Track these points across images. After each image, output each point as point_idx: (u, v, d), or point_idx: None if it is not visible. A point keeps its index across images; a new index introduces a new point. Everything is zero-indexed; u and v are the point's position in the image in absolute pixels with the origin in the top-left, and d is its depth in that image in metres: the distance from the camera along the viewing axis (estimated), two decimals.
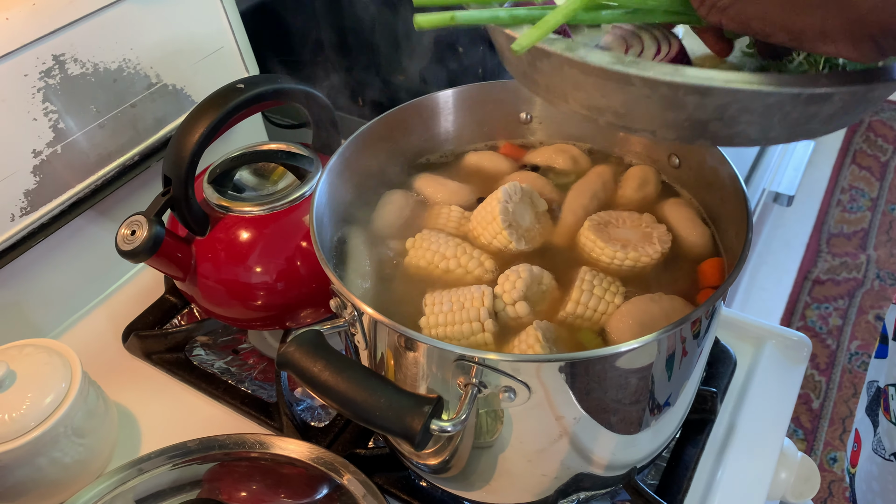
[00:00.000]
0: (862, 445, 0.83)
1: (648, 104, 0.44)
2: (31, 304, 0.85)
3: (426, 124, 0.75)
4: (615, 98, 0.45)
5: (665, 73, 0.40)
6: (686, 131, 0.45)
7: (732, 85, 0.39)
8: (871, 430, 0.81)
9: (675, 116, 0.44)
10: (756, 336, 0.84)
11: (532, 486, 0.62)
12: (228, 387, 0.81)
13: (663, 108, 0.44)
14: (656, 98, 0.43)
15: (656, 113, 0.45)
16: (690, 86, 0.40)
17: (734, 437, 0.74)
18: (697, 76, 0.40)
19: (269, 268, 0.74)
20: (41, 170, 0.78)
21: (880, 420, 0.80)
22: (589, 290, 0.59)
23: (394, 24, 1.01)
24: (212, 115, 0.69)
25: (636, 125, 0.46)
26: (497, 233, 0.64)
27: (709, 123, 0.44)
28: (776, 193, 1.52)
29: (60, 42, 0.76)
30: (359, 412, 0.49)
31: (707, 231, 0.66)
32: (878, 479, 0.81)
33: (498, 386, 0.50)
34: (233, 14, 0.93)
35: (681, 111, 0.44)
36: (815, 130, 0.45)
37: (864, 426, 0.83)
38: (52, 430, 0.66)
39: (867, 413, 0.82)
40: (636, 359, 0.52)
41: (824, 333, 2.00)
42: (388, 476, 0.71)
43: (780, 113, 0.43)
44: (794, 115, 0.43)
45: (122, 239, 0.71)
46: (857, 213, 2.35)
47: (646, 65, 0.41)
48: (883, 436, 0.79)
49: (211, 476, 0.69)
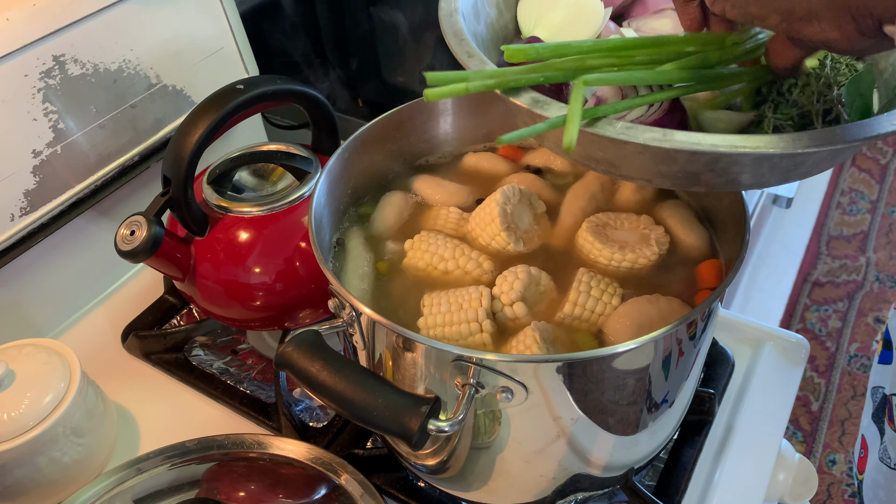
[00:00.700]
0: (868, 452, 0.83)
1: (643, 159, 0.47)
2: (30, 303, 0.85)
3: (425, 125, 0.75)
4: (610, 152, 0.47)
5: (656, 139, 0.43)
6: (680, 181, 0.48)
7: (719, 149, 0.42)
8: (878, 437, 0.81)
9: (669, 169, 0.47)
10: (754, 338, 0.84)
11: (530, 486, 0.62)
12: (227, 387, 0.81)
13: (656, 163, 0.47)
14: (649, 155, 0.46)
15: (650, 166, 0.47)
16: (680, 151, 0.43)
17: (732, 438, 0.74)
18: (686, 141, 0.42)
19: (267, 268, 0.74)
20: (41, 170, 0.78)
21: (886, 429, 0.80)
22: (586, 292, 0.60)
23: (393, 26, 1.02)
24: (211, 115, 0.69)
25: (630, 174, 0.49)
26: (496, 234, 0.64)
27: (701, 175, 0.47)
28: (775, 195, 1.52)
29: (61, 42, 0.76)
30: (357, 412, 0.49)
31: (705, 233, 0.66)
32: (884, 487, 0.80)
33: (495, 386, 0.50)
34: (233, 15, 0.93)
35: (673, 164, 0.46)
36: (805, 173, 0.47)
37: (871, 433, 0.83)
38: (50, 429, 0.66)
39: (873, 420, 0.82)
40: (633, 360, 0.52)
41: (824, 336, 2.00)
42: (386, 476, 0.71)
43: (768, 164, 0.45)
44: (783, 165, 0.45)
45: (122, 239, 0.71)
46: (857, 215, 2.35)
47: (636, 132, 0.44)
48: (889, 445, 0.79)
49: (209, 476, 0.69)
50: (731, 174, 0.46)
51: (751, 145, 0.42)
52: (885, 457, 0.80)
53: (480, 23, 0.59)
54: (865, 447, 0.84)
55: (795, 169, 0.46)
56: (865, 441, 0.84)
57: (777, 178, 0.47)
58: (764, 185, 0.47)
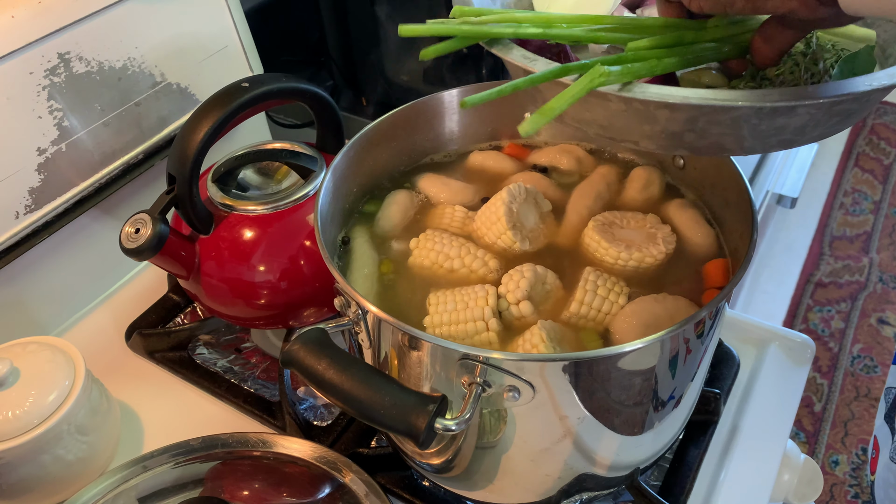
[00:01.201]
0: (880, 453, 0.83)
1: (626, 117, 0.48)
2: (34, 301, 0.85)
3: (430, 124, 0.75)
4: (598, 112, 0.49)
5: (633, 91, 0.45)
6: (664, 141, 0.48)
7: (689, 101, 0.43)
8: (889, 437, 0.81)
9: (651, 128, 0.48)
10: (759, 338, 0.83)
11: (535, 486, 0.62)
12: (231, 385, 0.81)
13: (639, 122, 0.47)
14: (631, 112, 0.47)
15: (634, 125, 0.48)
16: (653, 102, 0.44)
17: (737, 438, 0.74)
18: (658, 93, 0.44)
19: (272, 267, 0.74)
20: (45, 168, 0.78)
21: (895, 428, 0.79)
22: (593, 291, 0.59)
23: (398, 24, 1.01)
24: (216, 113, 0.69)
25: (619, 136, 0.50)
26: (501, 233, 0.64)
27: (683, 134, 0.47)
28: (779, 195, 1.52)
29: (66, 40, 0.76)
30: (363, 410, 0.49)
31: (711, 232, 0.66)
32: (894, 487, 0.80)
33: (502, 385, 0.50)
34: (237, 13, 0.93)
35: (655, 124, 0.47)
36: (790, 141, 0.47)
37: (883, 433, 0.82)
38: (55, 427, 0.66)
39: (885, 420, 0.82)
40: (640, 359, 0.52)
41: (826, 336, 1.99)
42: (390, 475, 0.71)
43: (748, 125, 0.45)
44: (763, 128, 0.45)
45: (126, 237, 0.71)
46: (860, 215, 2.35)
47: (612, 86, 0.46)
48: None
49: (213, 474, 0.69)
50: (712, 135, 0.47)
51: (719, 97, 0.43)
52: (895, 456, 0.79)
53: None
54: (877, 448, 0.84)
55: (777, 134, 0.46)
56: (877, 442, 0.84)
57: (761, 143, 0.47)
58: (749, 151, 0.48)
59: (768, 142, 0.47)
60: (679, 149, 0.48)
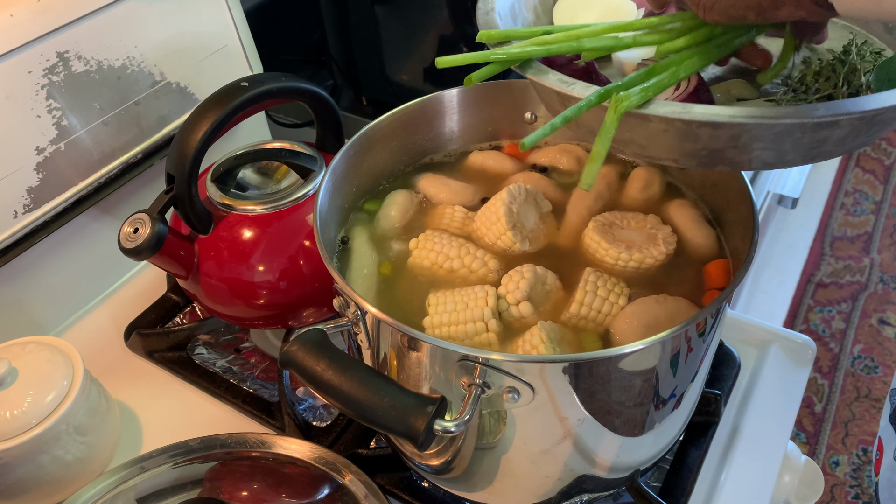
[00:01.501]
0: (884, 453, 0.83)
1: (667, 137, 0.48)
2: (33, 301, 0.85)
3: (430, 124, 0.75)
4: (637, 133, 0.49)
5: (676, 112, 0.45)
6: (705, 159, 0.49)
7: (737, 119, 0.43)
8: (893, 437, 0.81)
9: (693, 147, 0.48)
10: (760, 338, 0.83)
11: (535, 487, 0.61)
12: (230, 386, 0.80)
13: (680, 141, 0.47)
14: (673, 132, 0.47)
15: (675, 145, 0.48)
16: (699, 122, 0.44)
17: (738, 439, 0.74)
18: (705, 113, 0.44)
19: (271, 266, 0.74)
20: (44, 167, 0.78)
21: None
22: (593, 292, 0.59)
23: (398, 23, 1.01)
24: (215, 113, 0.68)
25: (657, 155, 0.50)
26: (501, 233, 0.64)
27: (725, 151, 0.47)
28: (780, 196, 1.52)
29: (65, 39, 0.76)
30: (362, 411, 0.49)
31: (712, 232, 0.66)
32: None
33: (501, 386, 0.50)
34: (237, 12, 0.93)
35: (697, 142, 0.47)
36: (830, 152, 0.48)
37: (887, 434, 0.82)
38: (53, 427, 0.66)
39: (891, 421, 0.82)
40: (641, 360, 0.52)
41: (827, 337, 1.99)
42: (389, 476, 0.71)
43: (790, 140, 0.45)
44: (805, 141, 0.45)
45: (125, 237, 0.71)
46: (861, 216, 2.34)
47: (657, 106, 0.45)
48: None
49: (212, 475, 0.69)
50: (753, 150, 0.47)
51: (768, 114, 0.43)
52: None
53: (517, 24, 0.61)
54: (881, 449, 0.84)
55: (819, 146, 0.46)
56: (882, 443, 0.84)
57: (801, 156, 0.48)
58: (790, 164, 0.48)
59: (808, 154, 0.47)
60: (719, 165, 0.49)
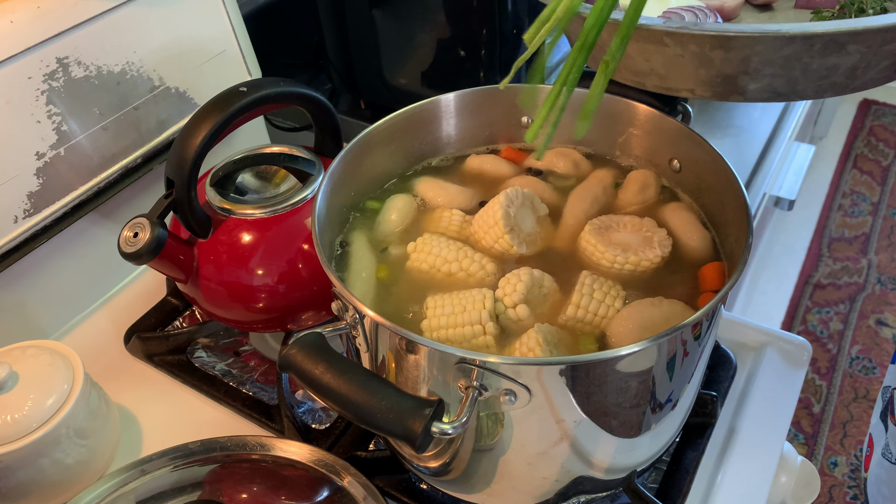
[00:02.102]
0: (874, 450, 0.83)
1: (682, 63, 0.50)
2: (33, 305, 0.86)
3: (428, 128, 0.75)
4: (656, 61, 0.51)
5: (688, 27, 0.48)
6: (719, 87, 0.50)
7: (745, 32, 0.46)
8: (884, 434, 0.81)
9: (707, 73, 0.50)
10: (756, 340, 0.84)
11: (532, 488, 0.62)
12: (230, 389, 0.81)
13: (696, 67, 0.50)
14: (688, 56, 0.49)
15: (690, 71, 0.50)
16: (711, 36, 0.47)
17: (734, 440, 0.74)
18: (715, 28, 0.47)
19: (270, 270, 0.74)
20: (44, 172, 0.78)
21: (889, 425, 0.80)
22: (589, 294, 0.60)
23: (396, 28, 1.02)
24: (215, 117, 0.69)
25: (675, 85, 0.52)
26: (499, 237, 0.64)
27: (737, 78, 0.49)
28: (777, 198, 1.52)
29: (64, 45, 0.76)
30: (360, 414, 0.49)
31: (708, 235, 0.66)
32: (886, 483, 0.80)
33: (499, 389, 0.50)
34: (235, 17, 0.93)
35: (710, 67, 0.49)
36: (842, 85, 0.49)
37: (878, 431, 0.83)
38: (54, 431, 0.66)
39: (881, 418, 0.82)
40: (637, 362, 0.53)
41: (825, 338, 2.00)
42: (388, 478, 0.71)
43: (799, 64, 0.47)
44: (815, 67, 0.47)
45: (125, 241, 0.71)
46: (859, 217, 2.35)
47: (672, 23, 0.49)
48: (891, 441, 0.79)
49: (212, 478, 0.69)
50: (764, 77, 0.48)
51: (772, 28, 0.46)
52: (887, 452, 0.80)
53: None
54: (872, 446, 0.84)
55: (829, 76, 0.49)
56: (872, 440, 0.85)
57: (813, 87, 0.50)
58: (802, 95, 0.51)
59: (820, 84, 0.49)
60: (733, 94, 0.51)
